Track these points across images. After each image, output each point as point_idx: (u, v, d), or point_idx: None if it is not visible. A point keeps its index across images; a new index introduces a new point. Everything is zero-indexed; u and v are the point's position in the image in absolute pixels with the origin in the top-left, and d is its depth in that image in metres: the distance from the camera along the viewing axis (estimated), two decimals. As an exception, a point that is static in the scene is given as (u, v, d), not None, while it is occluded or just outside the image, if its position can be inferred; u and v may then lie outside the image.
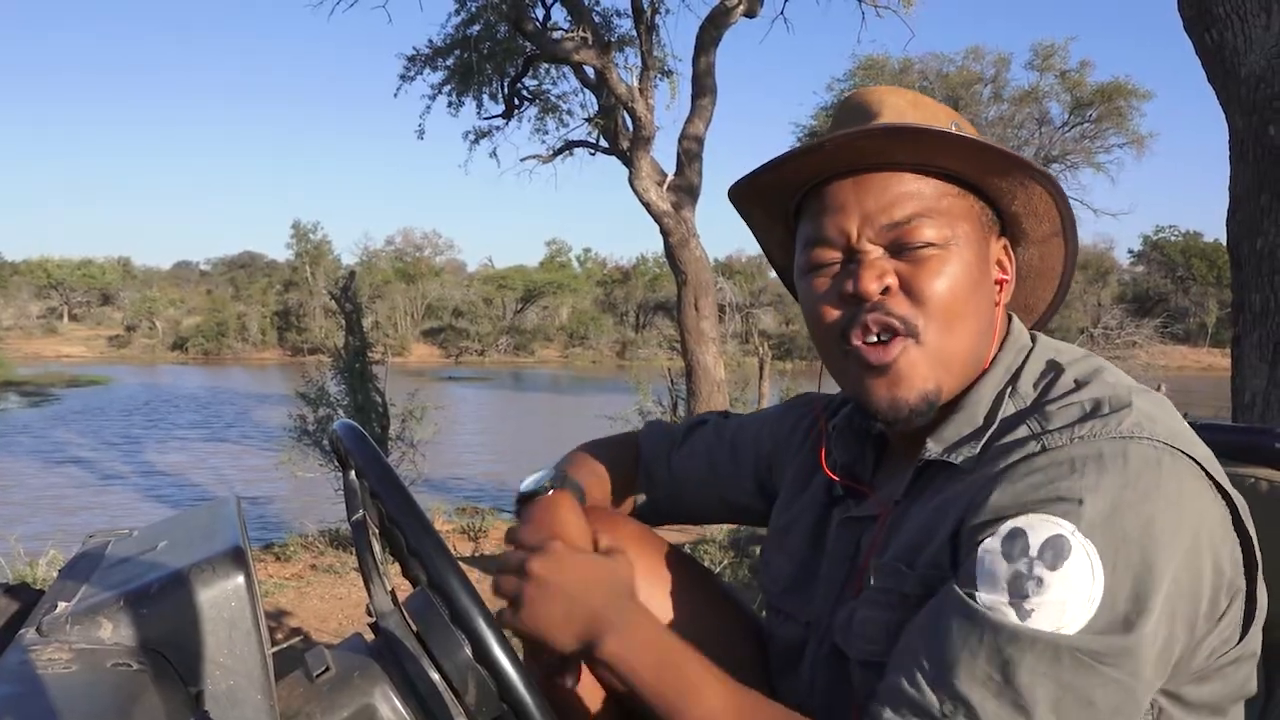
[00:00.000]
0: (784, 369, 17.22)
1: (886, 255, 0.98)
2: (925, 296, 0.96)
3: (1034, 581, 0.80)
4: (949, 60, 27.58)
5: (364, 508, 0.96)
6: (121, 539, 0.99)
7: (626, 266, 62.43)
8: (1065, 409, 0.91)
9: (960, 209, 1.00)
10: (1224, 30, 3.21)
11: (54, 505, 12.58)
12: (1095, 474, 0.83)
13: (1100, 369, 0.98)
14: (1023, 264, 1.11)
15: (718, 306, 10.94)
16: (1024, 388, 0.99)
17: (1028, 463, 0.87)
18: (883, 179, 0.98)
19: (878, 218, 0.97)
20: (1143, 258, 54.48)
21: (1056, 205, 1.04)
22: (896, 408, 0.98)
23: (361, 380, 8.60)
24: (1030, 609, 0.80)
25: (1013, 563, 0.82)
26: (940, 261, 0.97)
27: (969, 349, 0.99)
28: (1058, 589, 0.80)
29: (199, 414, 25.56)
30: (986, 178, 1.01)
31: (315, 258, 51.63)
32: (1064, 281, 1.13)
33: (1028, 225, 1.07)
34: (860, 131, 0.95)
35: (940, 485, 0.98)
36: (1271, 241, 3.13)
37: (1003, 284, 1.06)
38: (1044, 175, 1.01)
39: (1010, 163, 0.99)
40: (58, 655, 0.72)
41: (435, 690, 0.89)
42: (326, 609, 5.44)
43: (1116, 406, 0.89)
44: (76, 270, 64.53)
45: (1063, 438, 0.87)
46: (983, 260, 1.01)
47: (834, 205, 0.99)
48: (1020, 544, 0.82)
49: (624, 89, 10.29)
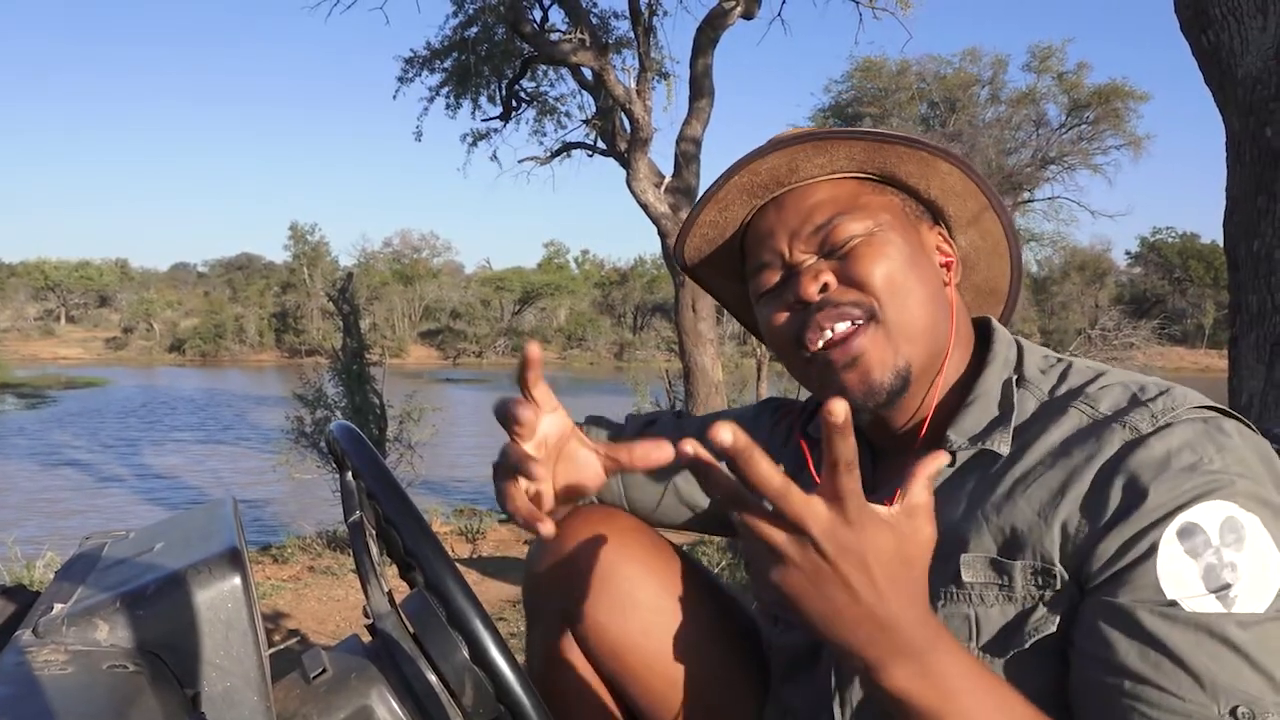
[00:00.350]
0: (781, 371, 17.20)
1: (820, 259, 1.03)
2: (864, 278, 1.00)
3: (1228, 569, 0.81)
4: (946, 62, 27.64)
5: (361, 509, 0.96)
6: (118, 541, 0.98)
7: (624, 268, 62.46)
8: (1107, 390, 0.95)
9: (878, 203, 1.05)
10: (1220, 32, 3.21)
11: (50, 508, 12.56)
12: (1218, 453, 0.85)
13: (1094, 364, 1.02)
14: (970, 248, 1.14)
15: (715, 308, 10.93)
16: (1032, 375, 1.01)
17: (1142, 449, 0.87)
18: (798, 194, 1.05)
19: (802, 229, 1.04)
20: (1140, 259, 54.56)
21: (969, 178, 1.07)
22: (873, 392, 1.00)
23: (359, 382, 8.60)
24: (1235, 595, 0.80)
25: (1199, 558, 0.81)
26: (866, 245, 1.01)
27: (926, 318, 1.01)
28: (1250, 566, 0.80)
29: (196, 416, 25.54)
30: (891, 167, 1.06)
31: (313, 259, 51.64)
32: (1013, 251, 1.16)
33: (953, 207, 1.10)
34: (753, 151, 1.03)
35: (973, 476, 0.97)
36: (1268, 243, 3.13)
37: (949, 265, 1.09)
38: (942, 150, 1.05)
39: (902, 143, 1.03)
40: (53, 657, 0.72)
41: (432, 691, 0.88)
42: (324, 611, 5.43)
43: (1161, 386, 0.93)
44: (74, 272, 64.57)
45: (1145, 420, 0.89)
46: (914, 242, 1.05)
47: (763, 232, 1.07)
48: (1200, 538, 0.82)
49: (621, 90, 10.29)
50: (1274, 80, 3.09)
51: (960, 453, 0.99)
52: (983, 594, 0.93)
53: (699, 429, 1.32)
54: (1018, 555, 0.91)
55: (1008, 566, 0.92)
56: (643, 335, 53.63)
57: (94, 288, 64.83)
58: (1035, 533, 0.90)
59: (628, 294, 58.63)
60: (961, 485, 0.98)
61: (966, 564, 0.94)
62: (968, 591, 0.94)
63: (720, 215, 1.10)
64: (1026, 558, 0.91)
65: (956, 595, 0.94)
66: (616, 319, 58.17)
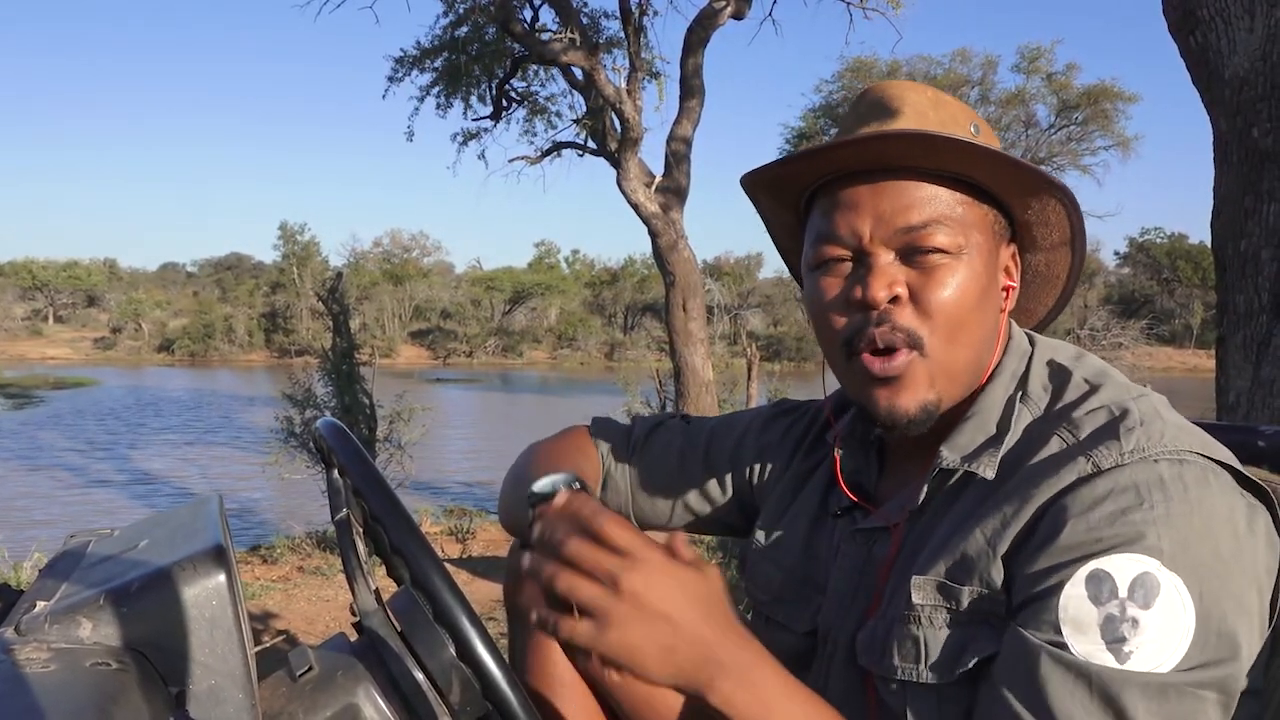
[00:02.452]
0: (772, 370, 17.25)
1: (897, 260, 0.97)
2: (933, 308, 0.95)
3: (1129, 624, 0.79)
4: (936, 63, 27.70)
5: (348, 506, 0.96)
6: (102, 539, 0.98)
7: (614, 268, 62.43)
8: (1092, 415, 0.92)
9: (974, 217, 0.99)
10: (1208, 32, 3.23)
11: (38, 509, 12.50)
12: (1163, 503, 0.82)
13: (1104, 369, 1.00)
14: (1028, 269, 1.10)
15: (706, 308, 10.93)
16: (1034, 391, 0.99)
17: (1088, 486, 0.85)
18: (899, 183, 0.97)
19: (892, 221, 0.96)
20: (1129, 260, 54.79)
21: (1069, 217, 1.03)
22: (894, 416, 0.98)
23: (349, 382, 8.58)
24: (1129, 651, 0.79)
25: (1102, 606, 0.80)
26: (949, 271, 0.96)
27: (972, 359, 0.99)
28: (1154, 627, 0.79)
29: (185, 416, 25.44)
30: (1006, 189, 1.00)
31: (303, 259, 51.53)
32: (1067, 289, 1.13)
33: (1038, 233, 1.06)
34: (880, 135, 0.94)
35: (965, 495, 0.97)
36: (1255, 243, 3.14)
37: (1009, 291, 1.05)
38: (1061, 188, 1.00)
39: (1031, 177, 0.98)
40: (35, 654, 0.71)
41: (419, 689, 0.88)
42: (314, 611, 5.42)
43: (1149, 417, 0.89)
44: (61, 272, 64.24)
45: (1111, 455, 0.86)
46: (991, 269, 1.00)
47: (848, 204, 0.98)
48: (1107, 586, 0.81)
49: (612, 90, 10.29)
50: (1261, 81, 3.10)
51: (947, 470, 0.98)
52: (931, 616, 0.93)
53: (709, 436, 1.32)
54: (965, 581, 0.91)
55: (955, 591, 0.92)
56: (633, 335, 53.68)
57: (82, 287, 64.48)
58: (983, 560, 0.90)
59: (618, 294, 58.61)
60: (951, 504, 0.98)
61: (917, 586, 0.94)
62: (917, 613, 0.94)
63: (803, 165, 1.02)
64: (973, 583, 0.91)
65: (907, 617, 0.95)
66: (607, 319, 58.15)
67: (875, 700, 0.98)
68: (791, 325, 48.54)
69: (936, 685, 0.92)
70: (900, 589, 0.97)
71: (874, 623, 1.00)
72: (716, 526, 1.34)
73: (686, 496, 1.30)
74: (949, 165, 0.97)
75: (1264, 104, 3.11)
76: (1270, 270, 3.13)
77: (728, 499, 1.29)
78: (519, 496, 1.19)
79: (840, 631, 1.05)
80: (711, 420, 1.36)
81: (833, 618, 1.07)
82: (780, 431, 1.28)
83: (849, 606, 1.05)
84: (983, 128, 1.04)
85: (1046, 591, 0.84)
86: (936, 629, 0.93)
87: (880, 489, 1.11)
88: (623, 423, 1.41)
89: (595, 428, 1.38)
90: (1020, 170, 0.97)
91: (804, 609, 1.11)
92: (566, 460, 1.26)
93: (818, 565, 1.12)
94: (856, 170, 0.98)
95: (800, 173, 1.03)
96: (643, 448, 1.34)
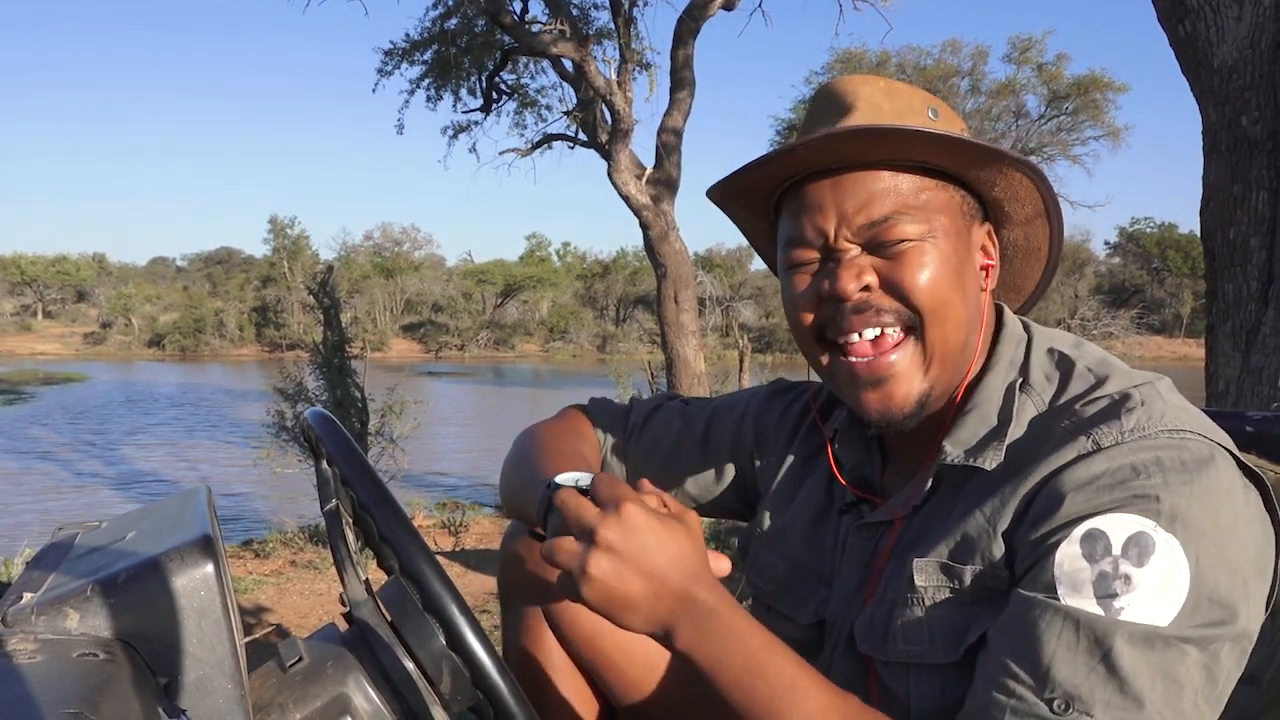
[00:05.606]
0: (764, 361, 17.27)
1: (864, 253, 0.98)
2: (907, 290, 0.96)
3: (1121, 580, 0.80)
4: (926, 54, 27.79)
5: (337, 496, 0.95)
6: (90, 530, 0.97)
7: (606, 260, 62.37)
8: (1094, 402, 0.92)
9: (939, 201, 0.99)
10: (1197, 21, 3.23)
11: (27, 504, 12.45)
12: (1161, 474, 0.83)
13: (1105, 357, 1.01)
14: (1008, 244, 1.11)
15: (698, 300, 10.93)
16: (1036, 380, 0.99)
17: (1086, 462, 0.86)
18: (859, 177, 0.98)
19: (855, 217, 0.97)
20: (1119, 249, 54.96)
21: (1038, 188, 1.04)
22: (889, 417, 0.99)
23: (340, 375, 8.56)
24: (1120, 606, 0.80)
25: (1096, 563, 0.81)
26: (918, 253, 0.96)
27: (961, 338, 0.99)
28: (1147, 584, 0.80)
29: (176, 411, 25.35)
30: (966, 169, 1.01)
31: (293, 253, 51.33)
32: (1051, 260, 1.13)
33: (1010, 208, 1.07)
34: (827, 135, 0.95)
35: (967, 485, 0.97)
36: (1244, 231, 3.16)
37: (988, 270, 1.05)
38: (1023, 162, 1.01)
39: (988, 155, 0.99)
40: (22, 645, 0.71)
41: (409, 679, 0.88)
42: (306, 605, 5.41)
43: (1150, 399, 0.90)
44: (51, 267, 63.86)
45: (1112, 433, 0.87)
46: (963, 250, 1.00)
47: (811, 205, 1.00)
48: (1101, 544, 0.82)
49: (602, 82, 10.26)
50: (1249, 69, 3.11)
51: (954, 464, 0.98)
52: (934, 596, 0.94)
53: (707, 419, 1.32)
54: (968, 560, 0.92)
55: (958, 570, 0.93)
56: (625, 327, 53.66)
57: (71, 282, 64.15)
58: (984, 538, 0.91)
59: (610, 286, 58.54)
60: (955, 496, 0.98)
61: (919, 568, 0.95)
62: (920, 595, 0.95)
63: (764, 171, 1.04)
64: (975, 561, 0.92)
65: (909, 599, 0.96)
66: (599, 311, 58.09)
67: (877, 686, 0.99)
68: (783, 317, 48.22)
69: (940, 666, 0.93)
70: (897, 575, 0.98)
71: (871, 609, 1.00)
72: (715, 509, 1.34)
73: (684, 481, 1.31)
74: (903, 154, 0.97)
75: (1252, 92, 3.12)
76: (1259, 258, 3.14)
77: (726, 483, 1.30)
78: (519, 478, 1.19)
79: (845, 622, 1.05)
80: (709, 402, 1.37)
81: (839, 609, 1.07)
82: (778, 413, 1.28)
83: (854, 598, 1.05)
84: (942, 111, 1.04)
85: (1043, 553, 0.85)
86: (940, 609, 0.94)
87: (886, 480, 1.11)
88: (621, 404, 1.41)
89: (593, 410, 1.39)
90: (970, 149, 0.98)
91: (808, 600, 1.11)
92: (565, 443, 1.27)
93: (822, 557, 1.12)
94: (816, 171, 0.99)
95: (763, 179, 1.05)
96: (640, 431, 1.34)
